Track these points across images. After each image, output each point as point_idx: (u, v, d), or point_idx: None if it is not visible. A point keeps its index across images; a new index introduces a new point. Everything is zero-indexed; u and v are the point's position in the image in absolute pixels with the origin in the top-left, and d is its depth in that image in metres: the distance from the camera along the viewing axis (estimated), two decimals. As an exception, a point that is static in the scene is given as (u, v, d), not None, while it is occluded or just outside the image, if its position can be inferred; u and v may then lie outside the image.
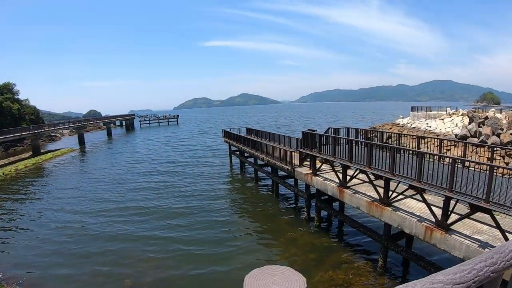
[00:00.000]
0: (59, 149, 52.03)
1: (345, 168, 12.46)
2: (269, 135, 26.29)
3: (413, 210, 10.19)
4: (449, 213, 8.77)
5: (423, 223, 9.27)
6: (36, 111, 74.32)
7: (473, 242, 8.14)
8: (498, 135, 29.98)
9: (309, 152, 14.47)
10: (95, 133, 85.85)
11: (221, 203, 20.81)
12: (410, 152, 10.63)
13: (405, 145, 18.36)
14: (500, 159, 23.65)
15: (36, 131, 48.53)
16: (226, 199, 21.85)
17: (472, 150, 23.56)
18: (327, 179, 13.94)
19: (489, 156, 11.14)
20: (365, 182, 13.14)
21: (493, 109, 40.96)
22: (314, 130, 14.91)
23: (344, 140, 12.83)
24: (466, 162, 9.47)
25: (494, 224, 8.50)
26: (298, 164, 16.74)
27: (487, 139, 29.98)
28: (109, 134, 74.86)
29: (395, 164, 9.69)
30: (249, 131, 31.61)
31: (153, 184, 26.42)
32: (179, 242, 15.20)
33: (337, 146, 12.66)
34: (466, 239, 8.30)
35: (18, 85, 69.38)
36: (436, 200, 10.81)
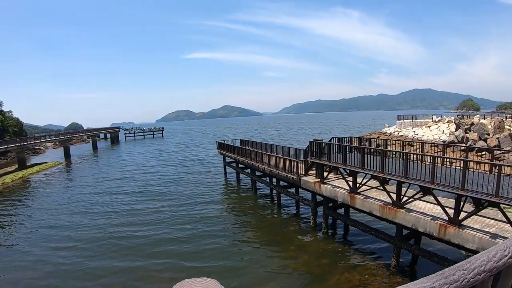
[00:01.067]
0: (45, 162, 51.55)
1: (355, 174, 13.44)
2: (265, 146, 27.19)
3: (424, 211, 11.23)
4: (460, 210, 9.84)
5: (436, 221, 10.29)
6: (20, 123, 73.78)
7: (485, 234, 9.20)
8: (485, 140, 32.06)
9: (318, 161, 15.41)
10: (80, 146, 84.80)
11: (223, 218, 21.05)
12: (416, 156, 11.76)
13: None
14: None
15: (22, 144, 48.10)
16: (227, 213, 22.23)
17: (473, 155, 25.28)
18: (336, 186, 14.88)
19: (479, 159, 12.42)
20: (372, 188, 14.15)
21: (477, 115, 43.49)
22: (320, 140, 15.93)
23: (353, 148, 13.87)
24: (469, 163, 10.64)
25: (499, 219, 9.72)
26: (303, 173, 17.62)
27: (474, 144, 31.99)
28: (95, 147, 74.47)
29: (408, 169, 10.74)
30: (243, 142, 32.42)
31: (146, 206, 24.44)
32: (186, 261, 14.78)
33: (348, 154, 13.65)
34: (478, 233, 9.35)
35: (1, 96, 68.63)
36: (442, 200, 11.91)
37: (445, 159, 12.24)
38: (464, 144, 31.17)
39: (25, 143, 50.18)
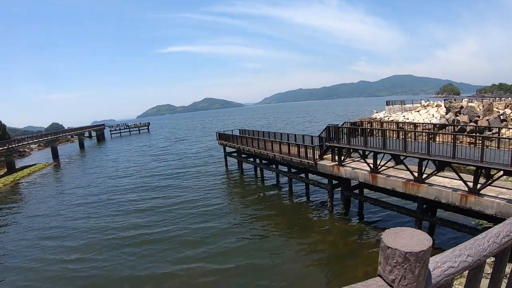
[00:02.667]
0: (34, 164, 50.89)
1: (376, 156, 14.88)
2: (268, 134, 28.36)
3: (443, 184, 12.79)
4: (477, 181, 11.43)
5: (457, 192, 11.84)
6: (3, 126, 71.27)
7: (501, 200, 10.81)
8: (476, 122, 34.36)
9: (337, 145, 16.77)
10: (65, 145, 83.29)
11: (236, 211, 21.29)
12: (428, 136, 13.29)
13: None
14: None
15: (10, 147, 47.12)
16: (240, 205, 22.66)
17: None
18: (355, 168, 16.29)
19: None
20: (389, 167, 15.64)
21: (465, 99, 46.06)
22: (337, 125, 17.29)
23: (373, 130, 15.30)
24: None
25: (510, 187, 11.41)
26: (318, 158, 18.95)
27: (465, 127, 34.28)
28: (82, 146, 73.58)
29: (430, 147, 12.23)
30: (243, 132, 33.35)
31: (150, 204, 24.16)
32: (214, 263, 14.32)
33: (369, 137, 15.07)
34: (495, 199, 10.96)
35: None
36: (451, 174, 13.56)
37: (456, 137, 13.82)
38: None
39: (13, 146, 49.01)
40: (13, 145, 49.01)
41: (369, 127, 16.83)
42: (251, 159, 29.30)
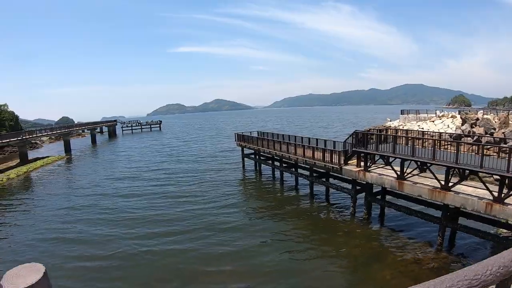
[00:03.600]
0: (47, 156, 52.23)
1: (403, 163, 15.72)
2: (288, 137, 29.03)
3: (468, 192, 13.59)
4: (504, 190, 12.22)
5: (483, 200, 12.64)
6: (15, 117, 73.64)
7: (526, 210, 11.61)
8: (491, 134, 34.87)
9: (364, 151, 17.65)
10: (76, 139, 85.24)
11: (261, 216, 21.23)
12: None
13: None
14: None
15: (25, 138, 48.55)
16: (263, 210, 22.48)
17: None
18: (382, 174, 17.13)
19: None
20: (414, 175, 16.46)
21: (481, 111, 46.50)
22: (368, 131, 18.17)
23: (403, 138, 16.18)
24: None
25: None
26: (343, 163, 19.81)
27: (481, 139, 34.85)
28: (94, 141, 75.22)
29: (459, 156, 13.07)
30: (261, 134, 34.07)
31: (175, 210, 22.89)
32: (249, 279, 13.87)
33: (396, 144, 15.93)
34: (519, 209, 11.75)
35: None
36: (474, 183, 14.36)
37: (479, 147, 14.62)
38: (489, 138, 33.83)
39: (27, 137, 50.33)
40: (27, 136, 50.31)
41: (394, 134, 17.62)
42: (270, 161, 30.29)
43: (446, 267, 13.52)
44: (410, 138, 15.74)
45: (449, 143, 15.34)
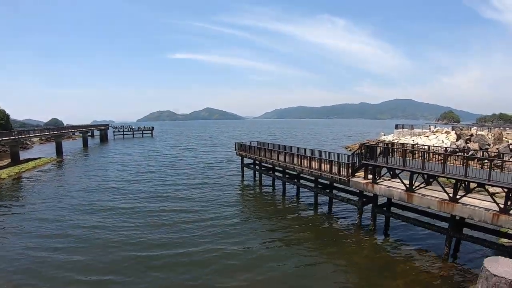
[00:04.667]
0: (39, 158, 51.92)
1: (412, 175, 16.60)
2: (291, 148, 29.78)
3: (475, 204, 14.48)
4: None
5: (489, 211, 13.53)
6: (6, 116, 72.44)
7: (531, 221, 12.52)
8: (486, 150, 36.32)
9: (373, 163, 18.49)
10: (67, 142, 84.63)
11: (265, 228, 21.26)
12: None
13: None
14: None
15: (17, 137, 48.21)
16: (265, 221, 22.73)
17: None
18: (390, 186, 17.96)
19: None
20: (421, 187, 17.33)
21: (475, 127, 48.25)
22: (376, 144, 19.06)
23: (412, 152, 17.08)
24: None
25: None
26: (350, 175, 20.61)
27: (476, 154, 36.27)
28: (85, 144, 75.15)
29: (467, 169, 13.99)
30: (261, 144, 34.58)
31: (167, 217, 22.99)
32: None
33: (406, 158, 16.83)
34: (525, 219, 12.67)
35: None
36: (481, 196, 15.30)
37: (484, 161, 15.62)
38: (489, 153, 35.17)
39: (19, 137, 49.64)
40: (20, 136, 50.04)
41: (403, 148, 18.51)
42: (271, 172, 30.96)
43: (455, 274, 14.35)
44: (419, 152, 16.62)
45: (455, 157, 16.29)
